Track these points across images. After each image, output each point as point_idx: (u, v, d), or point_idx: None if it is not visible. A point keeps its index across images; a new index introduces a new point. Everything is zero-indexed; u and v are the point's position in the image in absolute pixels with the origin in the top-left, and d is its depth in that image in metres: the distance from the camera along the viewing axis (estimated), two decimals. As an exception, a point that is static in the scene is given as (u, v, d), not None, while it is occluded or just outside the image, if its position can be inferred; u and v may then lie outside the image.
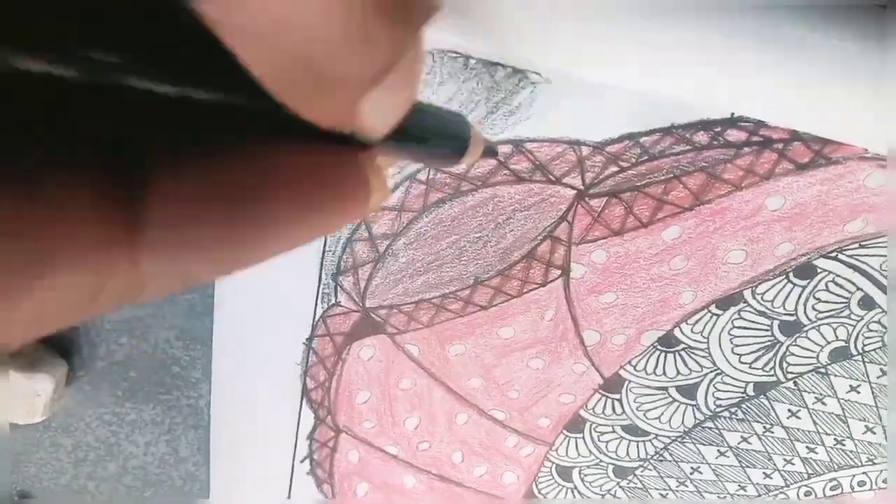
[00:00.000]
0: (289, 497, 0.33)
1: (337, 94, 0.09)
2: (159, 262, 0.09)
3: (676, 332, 0.28)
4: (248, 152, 0.10)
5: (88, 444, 0.38)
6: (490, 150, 0.21)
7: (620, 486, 0.34)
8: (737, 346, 0.29)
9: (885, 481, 0.32)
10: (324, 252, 0.27)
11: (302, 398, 0.30)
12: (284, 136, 0.10)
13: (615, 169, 0.25)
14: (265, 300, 0.28)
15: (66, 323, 0.09)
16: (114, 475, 0.38)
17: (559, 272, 0.28)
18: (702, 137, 0.24)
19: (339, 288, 0.28)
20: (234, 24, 0.08)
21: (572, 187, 0.25)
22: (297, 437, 0.31)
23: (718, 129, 0.23)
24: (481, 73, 0.23)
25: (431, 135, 0.19)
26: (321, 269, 0.27)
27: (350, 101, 0.09)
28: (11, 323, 0.08)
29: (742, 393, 0.30)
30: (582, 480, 0.34)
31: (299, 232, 0.10)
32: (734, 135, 0.24)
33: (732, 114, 0.23)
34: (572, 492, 0.34)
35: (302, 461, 0.32)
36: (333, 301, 0.28)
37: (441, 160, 0.20)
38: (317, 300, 0.28)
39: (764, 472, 0.33)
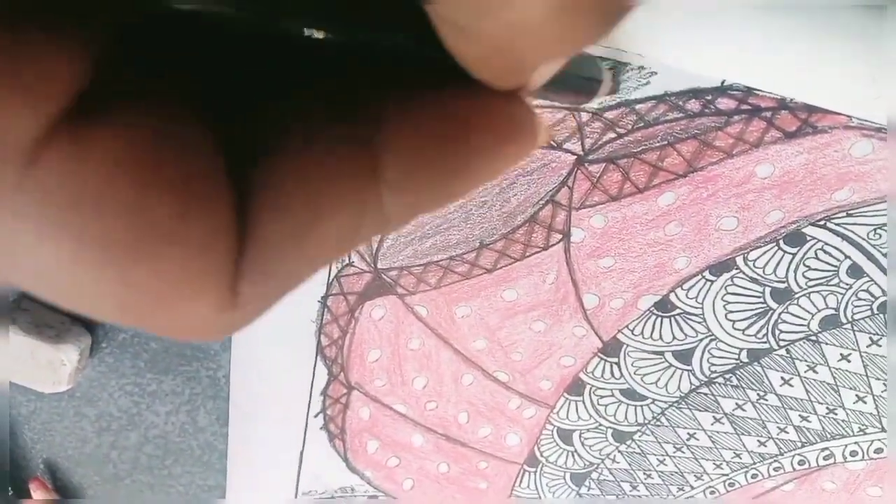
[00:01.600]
0: (302, 453, 0.35)
1: (526, 71, 0.10)
2: (396, 201, 0.10)
3: (672, 297, 0.30)
4: (447, 95, 0.11)
5: (111, 413, 0.40)
6: (614, 90, 0.24)
7: (619, 451, 0.35)
8: (730, 311, 0.30)
9: (877, 451, 0.33)
10: (339, 213, 0.29)
11: (316, 355, 0.32)
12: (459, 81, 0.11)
13: (613, 135, 0.26)
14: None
15: (334, 260, 0.11)
16: (135, 444, 0.40)
17: (560, 236, 0.29)
18: (694, 105, 0.25)
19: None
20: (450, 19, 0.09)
21: (572, 153, 0.27)
22: (311, 393, 0.33)
23: (709, 97, 0.25)
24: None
25: (570, 77, 0.21)
26: (337, 230, 0.29)
27: (532, 71, 0.11)
28: (290, 268, 0.10)
29: (736, 359, 0.31)
30: (582, 444, 0.35)
31: (491, 169, 0.11)
32: (724, 103, 0.25)
33: (723, 82, 0.24)
34: (572, 455, 0.35)
35: (315, 416, 0.34)
36: (347, 261, 0.30)
37: (574, 98, 0.22)
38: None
39: (758, 440, 0.34)
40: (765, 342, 0.30)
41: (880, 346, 0.29)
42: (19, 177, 0.08)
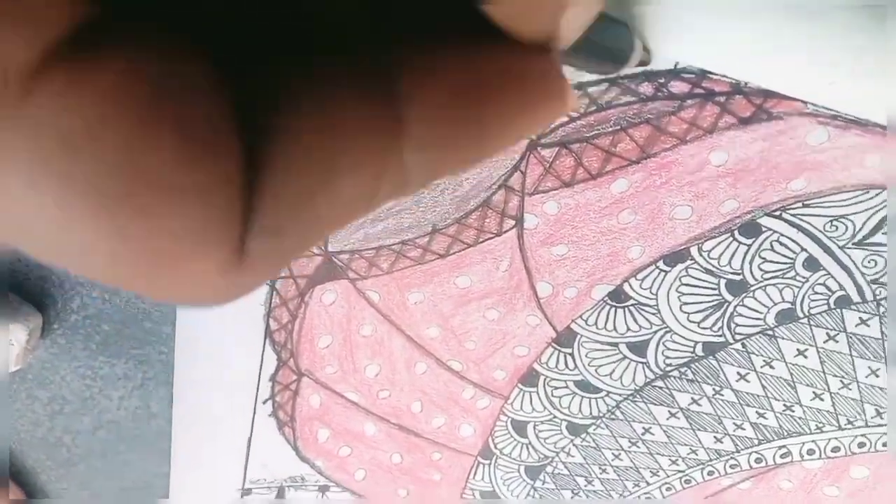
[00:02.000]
0: (250, 440, 0.34)
1: (550, 8, 0.10)
2: (419, 159, 0.10)
3: (626, 288, 0.29)
4: (472, 50, 0.10)
5: (64, 396, 0.39)
6: (644, 61, 0.23)
7: (574, 444, 0.34)
8: (685, 303, 0.29)
9: (834, 450, 0.32)
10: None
11: (265, 339, 0.31)
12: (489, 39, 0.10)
13: (564, 119, 0.26)
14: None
15: (348, 222, 0.10)
16: (89, 429, 0.40)
17: (513, 222, 0.28)
18: (646, 88, 0.24)
19: (301, 230, 0.29)
20: None
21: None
22: (259, 379, 0.32)
23: (662, 80, 0.24)
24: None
25: (597, 45, 0.20)
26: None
27: (557, 14, 0.10)
28: (302, 228, 0.09)
29: (691, 352, 0.30)
30: (537, 437, 0.34)
31: (518, 129, 0.11)
32: (677, 86, 0.24)
33: (676, 64, 0.24)
34: (527, 447, 0.35)
35: (264, 402, 0.33)
36: (295, 242, 0.29)
37: (601, 67, 0.22)
38: (280, 241, 0.29)
39: (715, 437, 0.33)
40: (720, 336, 0.30)
41: (837, 342, 0.29)
42: (12, 108, 0.07)
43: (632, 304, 0.29)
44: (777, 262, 0.27)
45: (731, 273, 0.28)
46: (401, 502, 0.36)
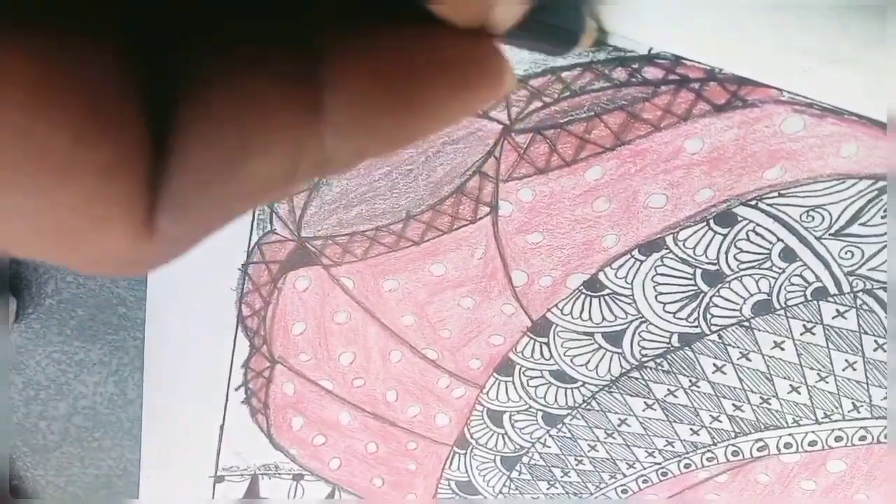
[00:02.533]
0: (222, 427, 0.34)
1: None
2: (341, 140, 0.10)
3: (601, 277, 0.29)
4: (404, 34, 0.10)
5: (39, 382, 0.39)
6: (600, 41, 0.22)
7: (550, 435, 0.34)
8: (661, 293, 0.29)
9: (811, 444, 0.32)
10: (258, 176, 0.28)
11: (237, 326, 0.31)
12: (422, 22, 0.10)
13: (539, 104, 0.25)
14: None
15: (268, 200, 0.10)
16: (64, 415, 0.39)
17: (488, 209, 0.28)
18: (620, 74, 0.24)
19: (274, 215, 0.29)
20: None
21: (499, 121, 0.26)
22: (231, 365, 0.32)
23: (636, 65, 0.24)
24: None
25: (543, 24, 0.20)
26: (256, 194, 0.28)
27: (489, 2, 0.10)
28: (214, 205, 0.09)
29: (667, 343, 0.30)
30: (513, 426, 0.34)
31: (451, 112, 0.11)
32: (651, 72, 0.24)
33: (650, 49, 0.23)
34: (503, 437, 0.34)
35: (237, 389, 0.33)
36: (269, 228, 0.29)
37: (547, 48, 0.21)
38: (252, 226, 0.29)
39: (691, 429, 0.33)
40: (696, 326, 0.30)
41: (814, 334, 0.28)
42: None
43: (607, 294, 0.29)
44: (753, 253, 0.27)
45: (707, 263, 0.28)
46: (376, 492, 0.36)
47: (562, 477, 0.35)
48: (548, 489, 0.36)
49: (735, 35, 0.22)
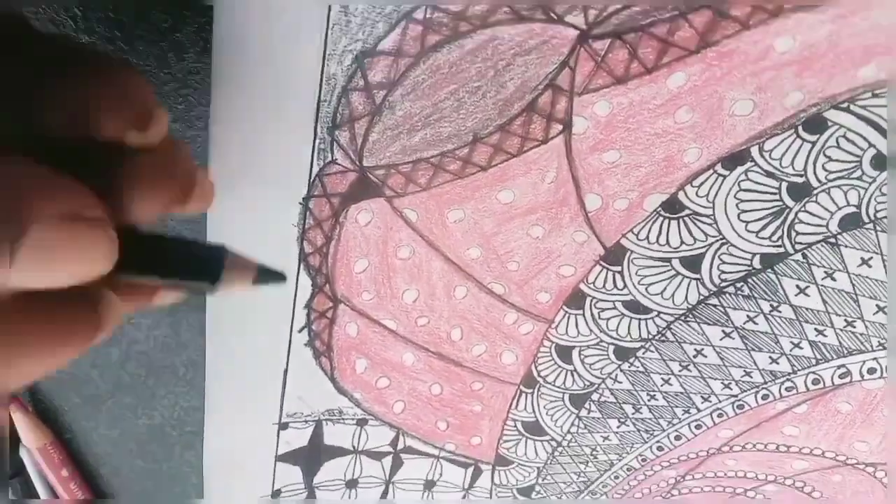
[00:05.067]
0: (286, 372, 0.34)
1: None
2: None
3: (681, 196, 0.29)
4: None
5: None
6: (268, 275, 0.22)
7: (621, 370, 0.34)
8: (743, 211, 0.29)
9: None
10: (318, 103, 0.27)
11: (299, 264, 0.31)
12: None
13: (618, 5, 0.25)
14: (259, 159, 0.29)
15: None
16: (117, 362, 0.39)
17: (561, 127, 0.28)
18: (708, -32, 0.24)
19: (335, 143, 0.28)
20: None
21: (575, 27, 0.25)
22: (294, 305, 0.32)
23: (726, -43, 0.23)
24: None
25: (171, 266, 0.19)
26: (316, 123, 0.28)
27: None
28: None
29: (748, 266, 0.30)
30: (582, 362, 0.34)
31: (46, 364, 0.15)
32: (742, -36, 0.23)
33: (741, -61, 0.23)
34: (572, 374, 0.34)
35: (300, 331, 0.33)
36: (330, 158, 0.29)
37: (194, 288, 0.20)
38: (313, 157, 0.29)
39: (770, 357, 0.33)
40: (779, 246, 0.29)
41: (904, 245, 0.28)
42: None
43: (687, 215, 0.29)
44: (843, 161, 0.27)
45: (794, 174, 0.27)
46: (441, 436, 0.36)
47: (633, 414, 0.35)
48: (618, 427, 0.36)
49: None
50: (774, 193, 0.28)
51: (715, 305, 0.31)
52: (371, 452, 0.38)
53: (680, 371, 0.34)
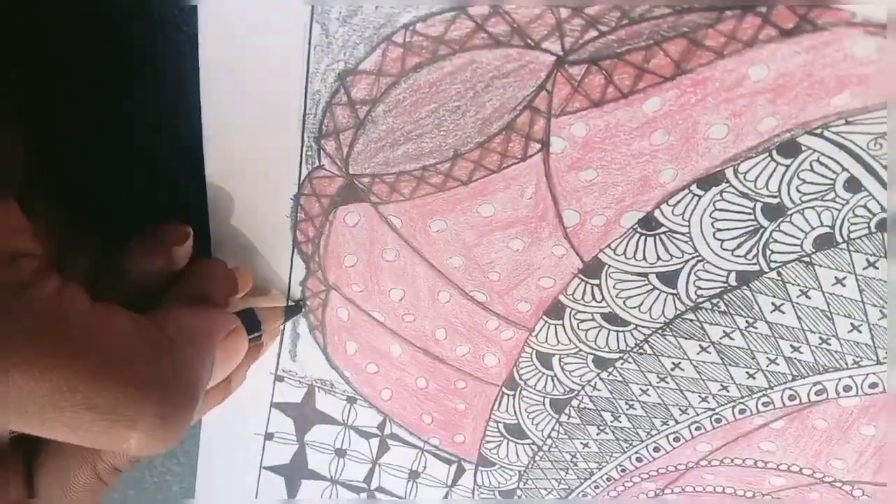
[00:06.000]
0: (282, 330, 0.36)
1: None
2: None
3: (657, 214, 0.30)
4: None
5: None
6: (291, 311, 0.35)
7: (601, 378, 0.35)
8: (718, 230, 0.29)
9: (871, 385, 0.33)
10: (304, 114, 0.29)
11: (293, 249, 0.33)
12: None
13: (595, 34, 0.26)
14: (250, 164, 0.30)
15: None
16: None
17: (539, 146, 0.29)
18: (681, -2, 0.24)
19: (322, 151, 0.30)
20: None
21: (551, 53, 0.26)
22: (290, 281, 0.34)
23: (698, -12, 0.24)
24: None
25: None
26: (303, 131, 0.29)
27: None
28: None
29: (724, 283, 0.31)
30: (562, 369, 0.35)
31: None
32: (715, -5, 0.24)
33: (712, -29, 0.23)
34: (552, 379, 0.36)
35: (295, 303, 0.35)
36: (317, 163, 0.30)
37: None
38: (301, 160, 0.30)
39: (747, 372, 0.34)
40: (755, 264, 0.30)
41: (877, 268, 0.29)
42: None
43: (663, 232, 0.30)
44: (817, 184, 0.28)
45: (768, 195, 0.28)
46: (426, 429, 0.38)
47: (612, 422, 0.37)
48: (597, 434, 0.37)
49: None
50: (749, 213, 0.29)
51: (692, 320, 0.32)
52: (359, 430, 0.40)
53: (658, 383, 0.35)
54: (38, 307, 0.20)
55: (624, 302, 0.32)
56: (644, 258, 0.31)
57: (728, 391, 0.35)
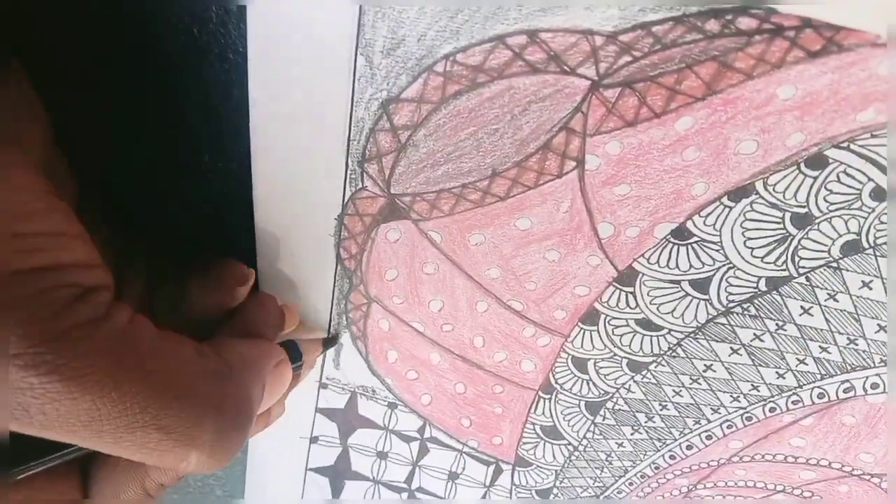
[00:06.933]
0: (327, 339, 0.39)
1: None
2: None
3: (689, 225, 0.31)
4: None
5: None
6: (328, 342, 0.38)
7: (634, 381, 0.37)
8: (749, 238, 0.31)
9: (899, 383, 0.34)
10: (348, 140, 0.31)
11: (337, 264, 0.35)
12: None
13: (628, 59, 0.27)
14: (297, 180, 0.32)
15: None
16: None
17: (574, 163, 0.31)
18: (713, 26, 0.26)
19: (364, 174, 0.32)
20: None
21: (586, 77, 0.28)
22: (333, 296, 0.36)
23: (729, 17, 0.26)
24: (497, -39, 0.26)
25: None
26: (347, 156, 0.31)
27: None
28: None
29: (754, 288, 0.33)
30: (597, 373, 0.37)
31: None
32: (745, 23, 0.26)
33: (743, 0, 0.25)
34: (587, 383, 0.38)
35: (339, 314, 0.37)
36: (360, 185, 0.32)
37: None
38: (345, 183, 0.32)
39: (777, 372, 0.36)
40: (784, 270, 0.32)
41: (903, 274, 0.30)
42: None
43: (695, 242, 0.32)
44: (843, 194, 0.29)
45: (797, 206, 0.30)
46: (465, 432, 0.40)
47: (646, 422, 0.39)
48: (632, 434, 0.39)
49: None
50: (778, 223, 0.31)
51: (723, 324, 0.34)
52: (400, 434, 0.42)
53: (690, 384, 0.37)
54: (115, 337, 0.22)
55: (657, 308, 0.34)
56: (677, 266, 0.33)
57: (759, 391, 0.36)
